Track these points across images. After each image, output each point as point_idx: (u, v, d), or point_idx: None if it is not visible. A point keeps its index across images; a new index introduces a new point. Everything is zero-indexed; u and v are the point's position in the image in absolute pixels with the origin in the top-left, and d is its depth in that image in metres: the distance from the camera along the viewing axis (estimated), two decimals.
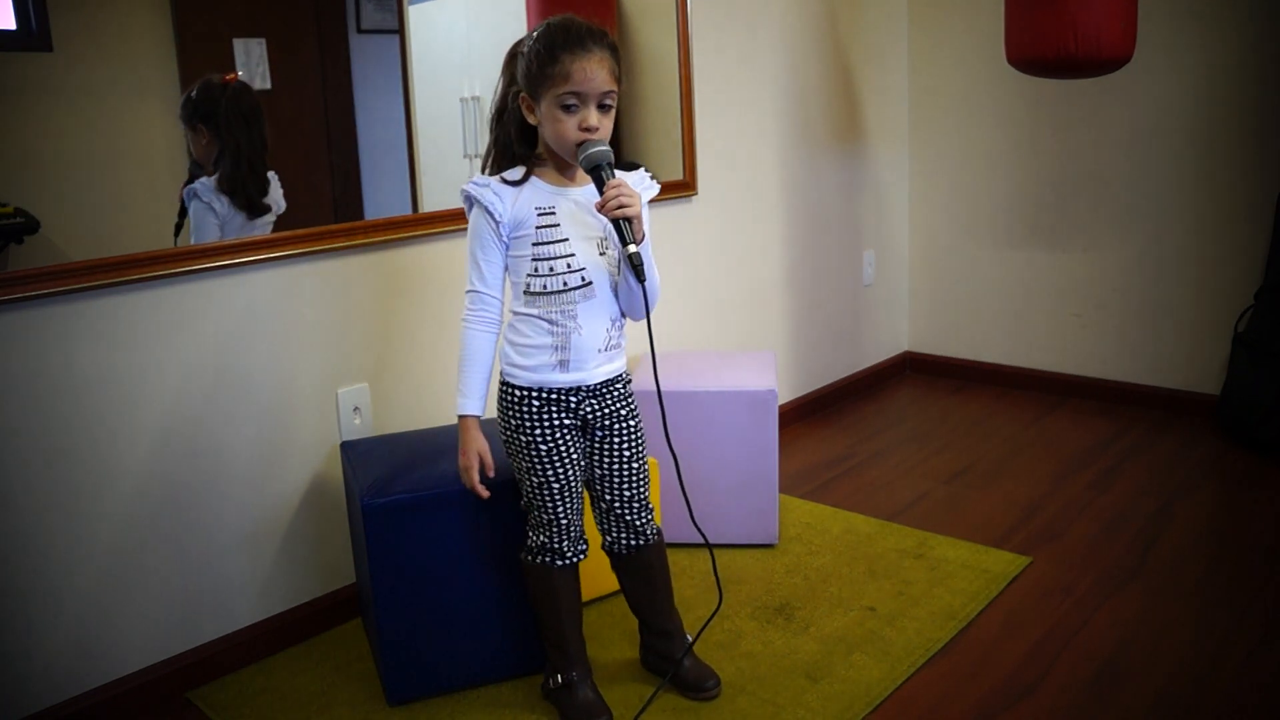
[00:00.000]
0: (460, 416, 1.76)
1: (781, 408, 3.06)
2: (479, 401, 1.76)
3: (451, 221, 2.37)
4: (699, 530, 1.92)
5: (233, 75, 2.05)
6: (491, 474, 1.78)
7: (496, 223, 1.70)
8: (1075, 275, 3.56)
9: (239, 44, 2.09)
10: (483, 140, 2.67)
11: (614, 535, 1.88)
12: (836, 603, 2.25)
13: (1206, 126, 3.21)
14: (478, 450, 1.76)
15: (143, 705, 1.97)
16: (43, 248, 1.82)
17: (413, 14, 2.40)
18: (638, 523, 1.86)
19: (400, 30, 2.40)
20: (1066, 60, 2.63)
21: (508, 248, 1.72)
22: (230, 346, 2.04)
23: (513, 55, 1.71)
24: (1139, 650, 2.03)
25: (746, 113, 3.16)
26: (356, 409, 2.25)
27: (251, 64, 2.10)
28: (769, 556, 2.48)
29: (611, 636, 2.14)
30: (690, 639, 1.98)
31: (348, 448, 2.11)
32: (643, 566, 1.90)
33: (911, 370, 4.04)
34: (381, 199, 2.36)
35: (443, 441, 2.06)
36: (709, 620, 2.07)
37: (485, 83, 2.59)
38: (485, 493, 1.78)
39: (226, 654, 2.09)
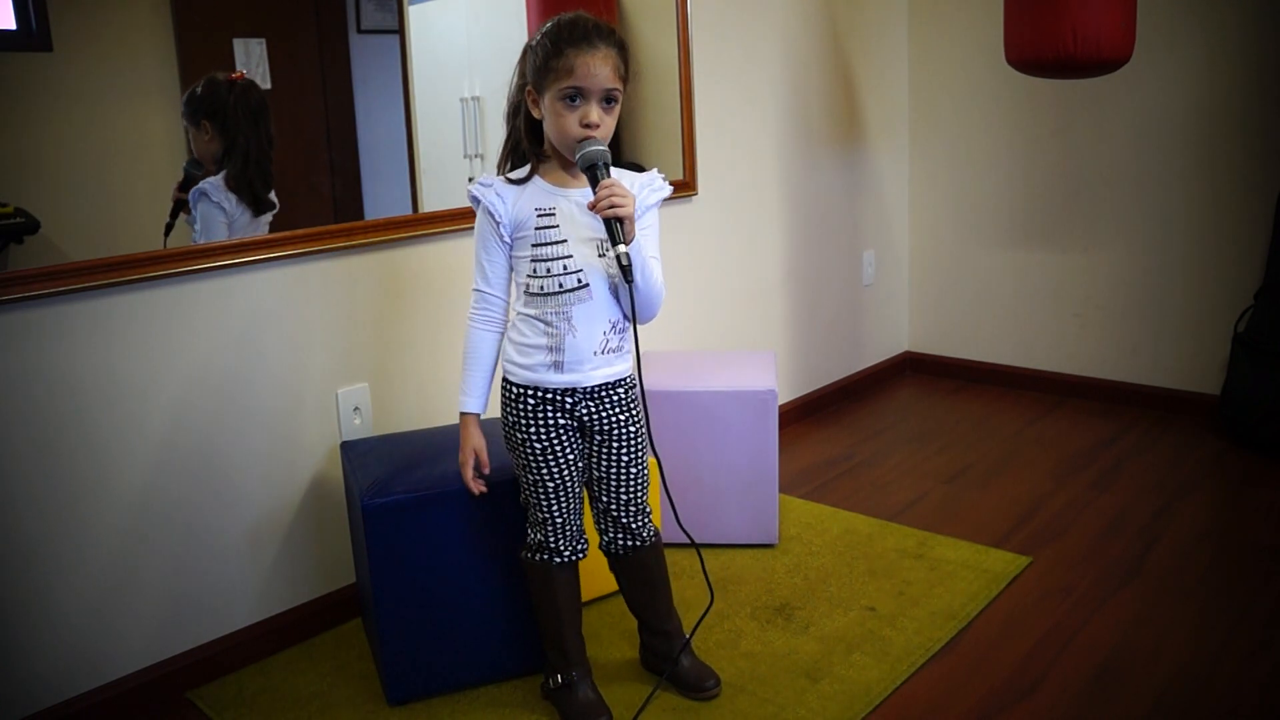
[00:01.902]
0: (461, 414, 1.78)
1: (781, 408, 3.06)
2: (480, 400, 1.78)
3: (451, 221, 2.37)
4: (684, 532, 1.93)
5: (239, 73, 2.05)
6: (486, 471, 1.81)
7: (497, 223, 1.71)
8: (1075, 275, 3.56)
9: (239, 44, 2.09)
10: (483, 140, 2.68)
11: (610, 536, 1.88)
12: (836, 603, 2.25)
13: (1206, 126, 3.21)
14: (474, 447, 1.79)
15: (143, 705, 1.97)
16: (43, 248, 1.82)
17: (413, 14, 2.40)
18: (634, 525, 1.86)
19: (400, 30, 2.40)
20: (1066, 61, 2.63)
21: (511, 247, 1.73)
22: (230, 347, 2.04)
23: (524, 51, 1.72)
24: (1139, 650, 2.03)
25: (746, 113, 3.16)
26: (356, 409, 2.25)
27: (251, 64, 2.10)
28: (769, 556, 2.48)
29: (611, 636, 2.14)
30: (687, 638, 1.98)
31: (348, 448, 2.10)
32: (639, 568, 1.90)
33: (911, 370, 4.04)
34: (381, 199, 2.36)
35: (443, 441, 2.06)
36: (700, 620, 2.07)
37: (485, 83, 2.60)
38: (479, 489, 1.81)
39: (226, 654, 2.09)
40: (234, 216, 2.06)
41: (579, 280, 1.70)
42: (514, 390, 1.76)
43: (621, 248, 1.63)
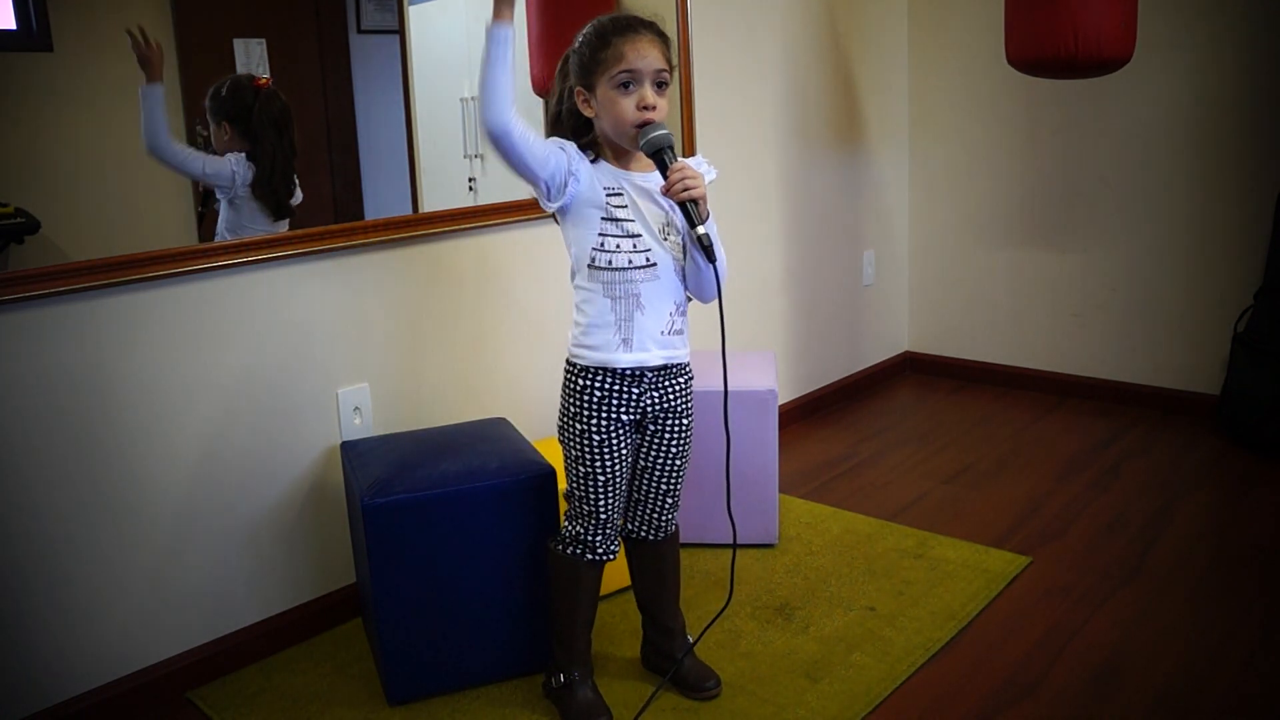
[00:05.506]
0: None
1: (781, 408, 3.06)
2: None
3: (452, 221, 2.37)
4: (731, 521, 1.89)
5: (265, 80, 2.05)
6: None
7: (569, 172, 1.66)
8: (1075, 275, 3.56)
9: (239, 44, 2.09)
10: (483, 140, 2.68)
11: (635, 525, 1.90)
12: (836, 603, 2.25)
13: (1206, 127, 3.21)
14: None
15: (143, 705, 1.97)
16: (43, 248, 1.82)
17: (413, 14, 2.40)
18: (662, 519, 1.89)
19: (400, 30, 2.40)
20: (1067, 60, 2.63)
21: (567, 201, 1.68)
22: (230, 346, 2.04)
23: (565, 59, 1.73)
24: (1139, 650, 2.03)
25: (747, 113, 3.16)
26: (356, 409, 2.25)
27: (252, 64, 2.10)
28: (769, 556, 2.48)
29: (613, 635, 2.14)
30: (692, 640, 1.98)
31: (348, 448, 2.11)
32: (655, 558, 1.92)
33: (911, 370, 4.04)
34: (381, 199, 2.37)
35: (443, 441, 2.06)
36: (712, 622, 2.07)
37: None
38: None
39: (226, 654, 2.08)
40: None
41: (647, 259, 1.71)
42: (579, 382, 1.76)
43: (700, 229, 1.65)
